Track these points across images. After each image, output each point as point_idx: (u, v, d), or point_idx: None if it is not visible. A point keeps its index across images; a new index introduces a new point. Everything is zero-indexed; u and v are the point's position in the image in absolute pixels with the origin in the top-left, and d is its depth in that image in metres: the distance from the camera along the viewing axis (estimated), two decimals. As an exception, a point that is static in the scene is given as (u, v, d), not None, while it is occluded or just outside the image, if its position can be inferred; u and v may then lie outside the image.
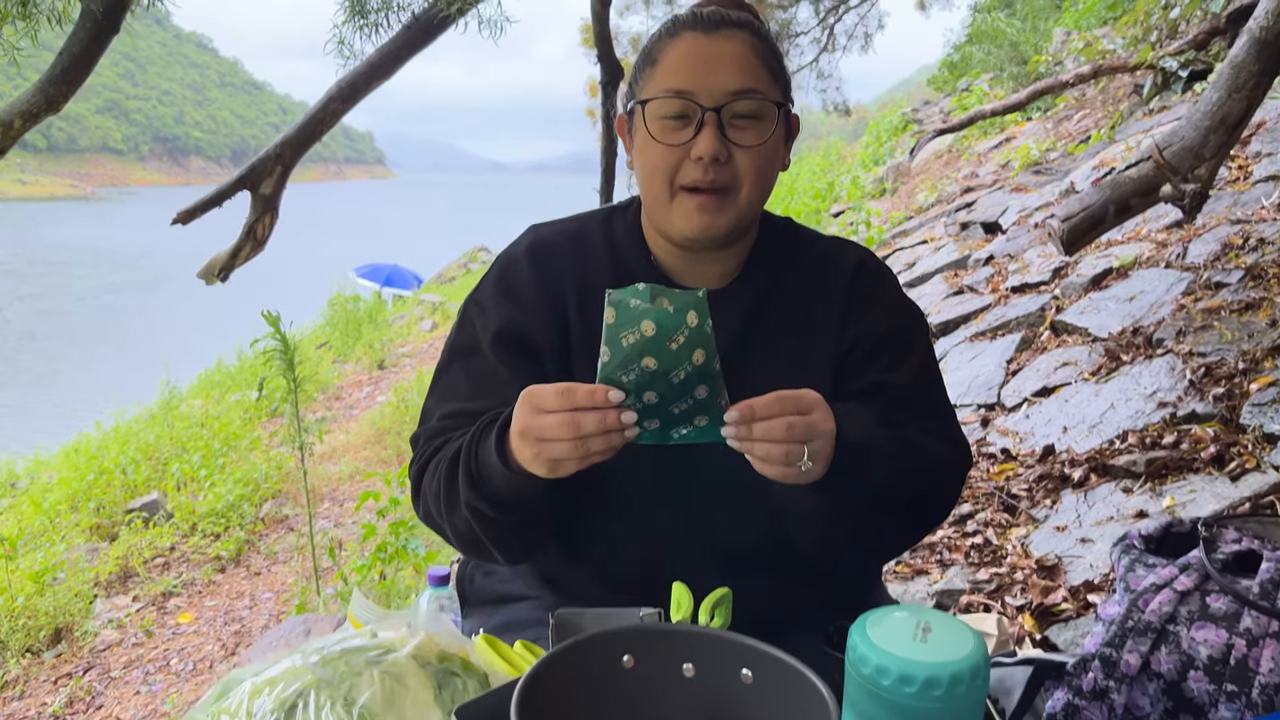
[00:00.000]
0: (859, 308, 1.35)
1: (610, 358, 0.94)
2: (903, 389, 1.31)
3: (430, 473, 1.25)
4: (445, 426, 1.29)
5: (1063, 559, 2.72)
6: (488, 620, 1.49)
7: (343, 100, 5.16)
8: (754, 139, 1.23)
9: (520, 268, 1.35)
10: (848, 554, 1.33)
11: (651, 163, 1.25)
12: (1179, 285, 3.98)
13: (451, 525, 1.24)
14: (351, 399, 9.43)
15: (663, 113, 1.23)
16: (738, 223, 1.26)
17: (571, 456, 1.01)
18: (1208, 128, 3.45)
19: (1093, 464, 3.10)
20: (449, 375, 1.35)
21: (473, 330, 1.34)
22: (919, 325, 1.40)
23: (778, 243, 1.39)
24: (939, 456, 1.30)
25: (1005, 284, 5.02)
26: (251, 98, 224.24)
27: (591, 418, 0.98)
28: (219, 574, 5.08)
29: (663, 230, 1.30)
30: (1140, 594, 1.86)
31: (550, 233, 1.39)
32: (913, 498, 1.26)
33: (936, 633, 1.06)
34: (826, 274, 1.37)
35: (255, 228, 5.54)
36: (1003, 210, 6.58)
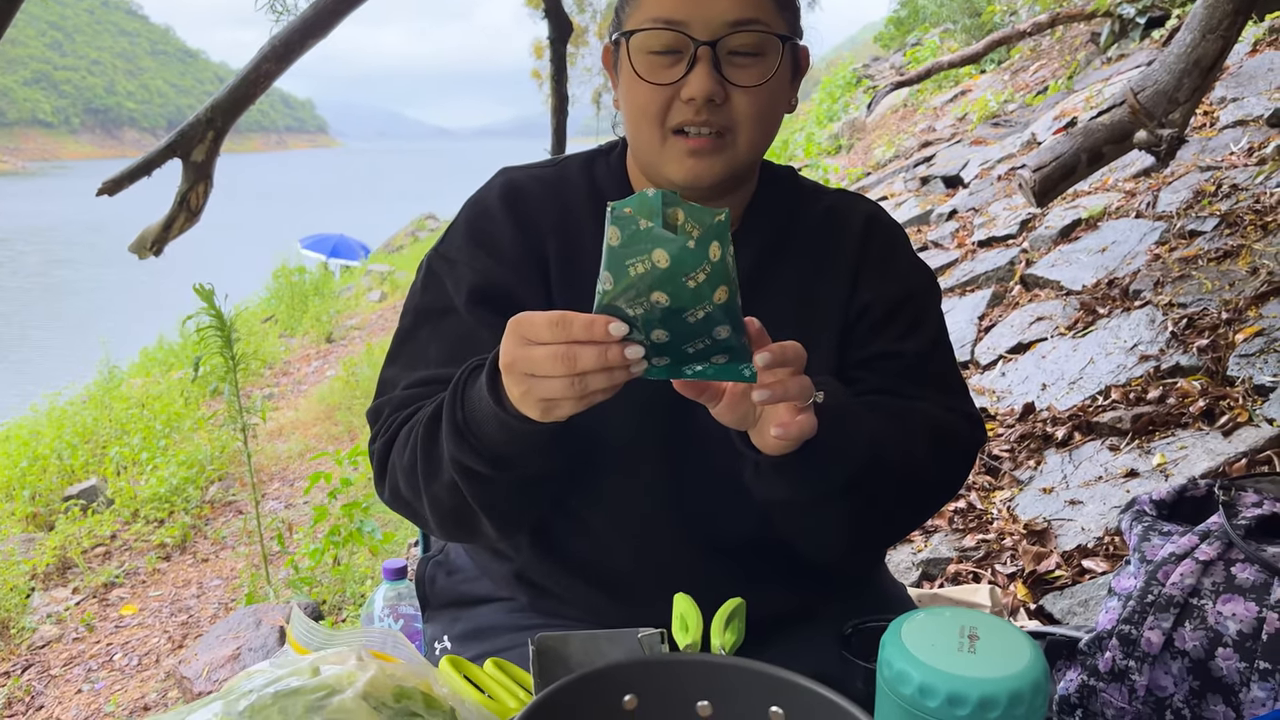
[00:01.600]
0: (870, 269, 1.21)
1: (613, 285, 0.76)
2: (914, 359, 1.18)
3: (401, 443, 1.08)
4: (414, 395, 1.12)
5: (1052, 523, 2.62)
6: (452, 625, 1.34)
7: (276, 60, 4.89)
8: (754, 78, 1.08)
9: (494, 215, 1.19)
10: (852, 538, 1.18)
11: (638, 103, 1.09)
12: (1152, 235, 3.89)
13: (431, 498, 1.06)
14: (299, 374, 9.15)
15: (650, 46, 1.08)
16: (734, 170, 1.11)
17: (567, 396, 0.83)
18: (1182, 70, 3.35)
19: (1076, 422, 2.99)
20: (415, 340, 1.18)
21: (441, 288, 1.17)
22: (933, 291, 1.27)
23: (780, 194, 1.24)
24: (945, 427, 1.17)
25: (971, 239, 4.90)
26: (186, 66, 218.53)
27: (590, 352, 0.80)
28: (163, 562, 4.85)
29: (652, 177, 1.15)
30: (1159, 565, 1.74)
31: (525, 176, 1.23)
32: (913, 470, 1.12)
33: (985, 640, 0.91)
34: (834, 230, 1.23)
35: (189, 197, 5.28)
36: (963, 164, 6.48)
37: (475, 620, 1.31)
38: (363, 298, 13.21)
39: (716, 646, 0.90)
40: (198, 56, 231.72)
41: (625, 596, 1.18)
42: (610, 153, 1.25)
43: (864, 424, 1.05)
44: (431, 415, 1.03)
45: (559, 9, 5.34)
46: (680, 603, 0.97)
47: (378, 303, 12.55)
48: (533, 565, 1.22)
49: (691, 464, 1.16)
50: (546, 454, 0.98)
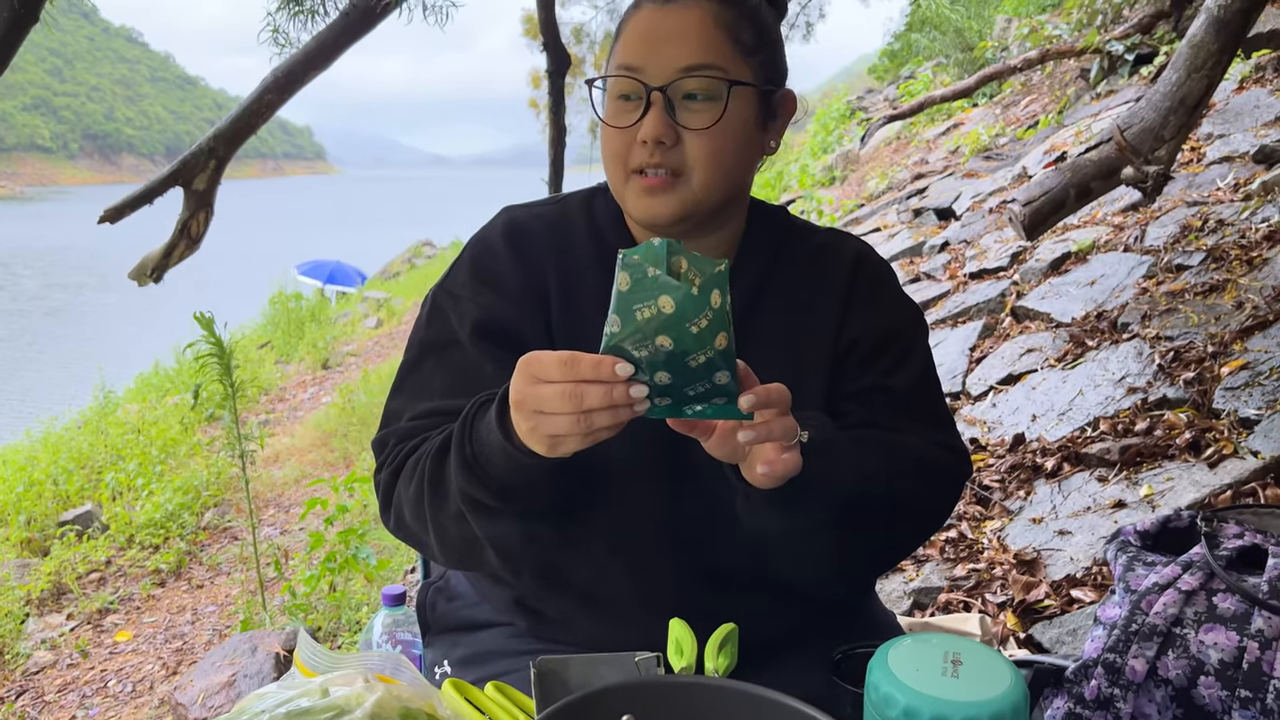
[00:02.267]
0: (858, 306, 1.25)
1: (620, 328, 0.81)
2: (902, 394, 1.22)
3: (408, 473, 1.12)
4: (419, 427, 1.16)
5: (1041, 553, 2.65)
6: (452, 650, 1.36)
7: (278, 91, 4.95)
8: (705, 121, 1.12)
9: (497, 253, 1.23)
10: (842, 567, 1.21)
11: (606, 145, 1.17)
12: (1140, 268, 3.95)
13: (438, 529, 1.10)
14: (295, 400, 9.16)
15: (614, 92, 1.16)
16: (689, 209, 1.16)
17: (573, 432, 0.87)
18: (1168, 108, 3.41)
19: (1065, 453, 3.03)
20: (420, 372, 1.22)
21: (446, 322, 1.21)
22: (919, 326, 1.31)
23: (769, 233, 1.28)
24: (931, 459, 1.20)
25: (963, 270, 4.97)
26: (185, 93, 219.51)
27: (596, 391, 0.84)
28: (158, 588, 4.85)
29: (625, 214, 1.22)
30: (1143, 595, 1.77)
31: (527, 215, 1.28)
32: (901, 501, 1.16)
33: (969, 665, 0.95)
34: (823, 268, 1.27)
35: (189, 225, 5.33)
36: (955, 196, 6.56)
37: (475, 645, 1.33)
38: (359, 324, 13.24)
39: (710, 670, 0.94)
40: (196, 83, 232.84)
41: (622, 622, 1.21)
42: (608, 191, 1.28)
43: (851, 457, 1.08)
44: (439, 448, 1.07)
45: (557, 42, 5.41)
46: (675, 628, 1.00)
47: (374, 329, 12.58)
48: (532, 592, 1.25)
49: (687, 493, 1.19)
50: (550, 487, 1.01)
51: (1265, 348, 3.03)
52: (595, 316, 1.17)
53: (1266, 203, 3.96)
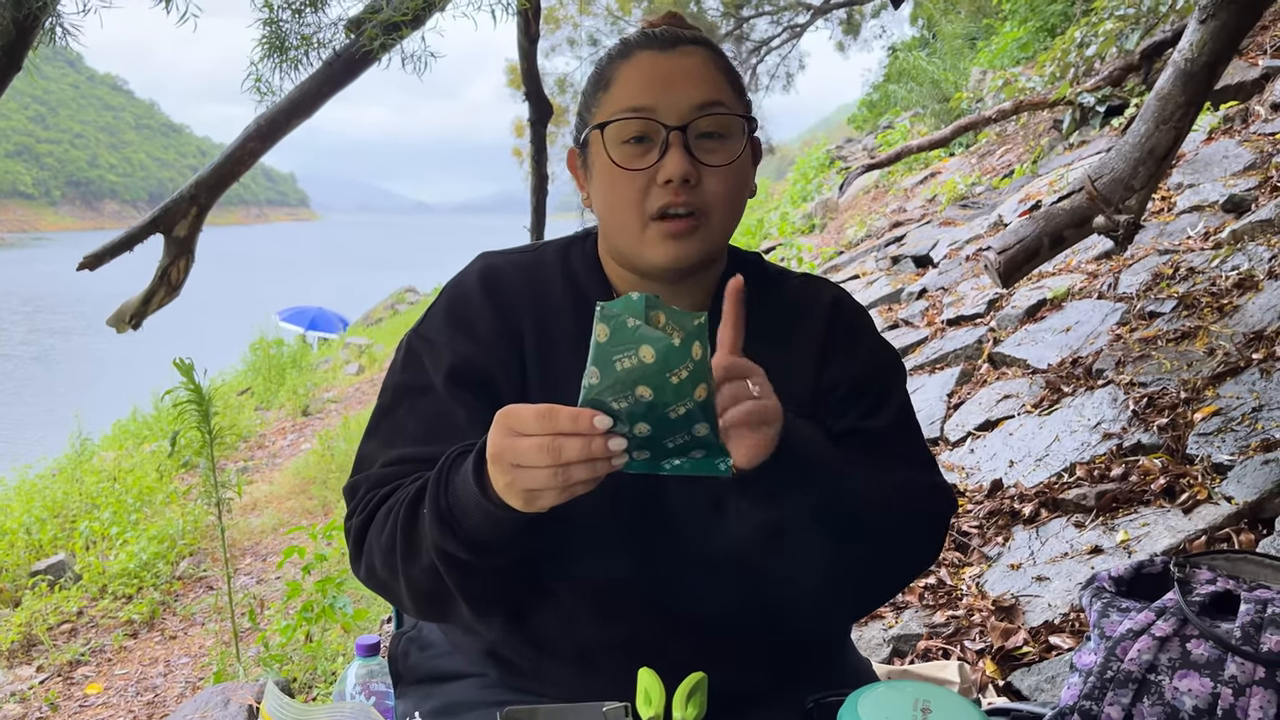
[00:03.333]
0: (836, 350, 1.26)
1: (600, 379, 0.81)
2: (881, 434, 1.23)
3: (380, 523, 1.09)
4: (391, 474, 1.14)
5: (1020, 599, 2.65)
6: (424, 702, 1.35)
7: (261, 139, 4.98)
8: (723, 158, 1.14)
9: (473, 299, 1.23)
10: (825, 598, 1.21)
11: (616, 192, 1.15)
12: (1114, 315, 4.00)
13: (408, 580, 1.07)
14: (275, 447, 9.09)
15: (623, 135, 1.14)
16: (710, 251, 1.17)
17: (551, 486, 0.87)
18: (1137, 159, 3.48)
19: (1042, 498, 3.05)
20: (393, 418, 1.20)
21: (420, 367, 1.20)
22: (897, 369, 1.32)
23: (747, 278, 1.30)
24: (914, 492, 1.21)
25: (941, 317, 5.02)
26: (169, 140, 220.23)
27: (575, 444, 0.84)
28: (131, 639, 4.77)
29: (631, 263, 1.20)
30: (1117, 641, 1.78)
31: (503, 261, 1.28)
32: (887, 527, 1.16)
33: (938, 713, 0.95)
34: (800, 312, 1.28)
35: (169, 272, 5.31)
36: (933, 244, 6.64)
37: (447, 696, 1.31)
38: (340, 370, 13.19)
39: (678, 718, 0.93)
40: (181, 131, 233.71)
41: (595, 673, 1.20)
42: (585, 240, 1.30)
43: (839, 453, 1.11)
44: (413, 498, 1.05)
45: (539, 92, 5.48)
46: (644, 677, 1.00)
47: (355, 375, 12.54)
48: (504, 642, 1.24)
49: (662, 543, 1.19)
50: (526, 542, 1.00)
51: (1237, 394, 3.06)
52: (571, 365, 1.17)
53: (1236, 251, 4.03)
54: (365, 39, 3.92)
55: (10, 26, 3.44)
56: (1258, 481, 2.61)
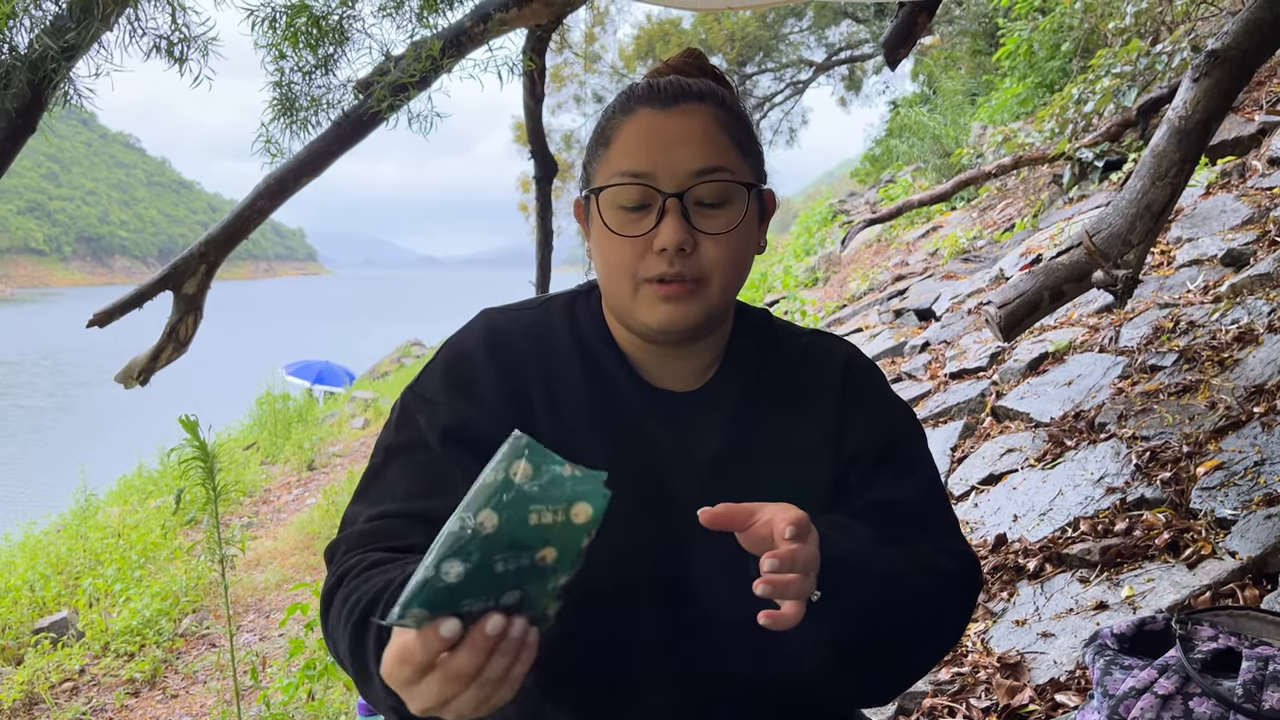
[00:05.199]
0: (854, 415, 1.23)
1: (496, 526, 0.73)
2: (911, 506, 1.20)
3: (340, 605, 0.98)
4: (371, 531, 1.07)
5: (1025, 655, 2.63)
6: None
7: (270, 197, 5.05)
8: (722, 225, 1.11)
9: (474, 359, 1.18)
10: (850, 689, 1.20)
11: (611, 256, 1.12)
12: (1115, 369, 4.02)
13: (367, 689, 0.96)
14: (280, 502, 9.08)
15: (619, 201, 1.11)
16: (708, 315, 1.13)
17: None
18: (1134, 215, 3.52)
19: (1046, 553, 3.04)
20: (382, 479, 1.14)
21: (415, 426, 1.15)
22: (916, 429, 1.29)
23: (756, 337, 1.26)
24: (950, 575, 1.18)
25: (943, 370, 5.03)
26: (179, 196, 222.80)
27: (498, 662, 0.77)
28: (132, 698, 4.74)
29: (627, 325, 1.17)
30: (1120, 699, 1.77)
31: (507, 320, 1.22)
32: (920, 622, 1.14)
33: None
34: (813, 373, 1.25)
35: (178, 329, 5.36)
36: (935, 297, 6.68)
37: None
38: (346, 424, 13.21)
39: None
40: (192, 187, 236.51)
41: None
42: (590, 294, 1.26)
43: (874, 548, 1.09)
44: (369, 602, 0.94)
45: (544, 149, 5.57)
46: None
47: (361, 430, 12.55)
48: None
49: (687, 613, 1.15)
50: None
51: (1239, 448, 3.07)
52: (583, 425, 1.17)
53: (1236, 304, 4.06)
54: (373, 100, 4.01)
55: (25, 89, 3.52)
56: (1261, 536, 2.60)
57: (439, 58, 3.84)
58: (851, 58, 22.48)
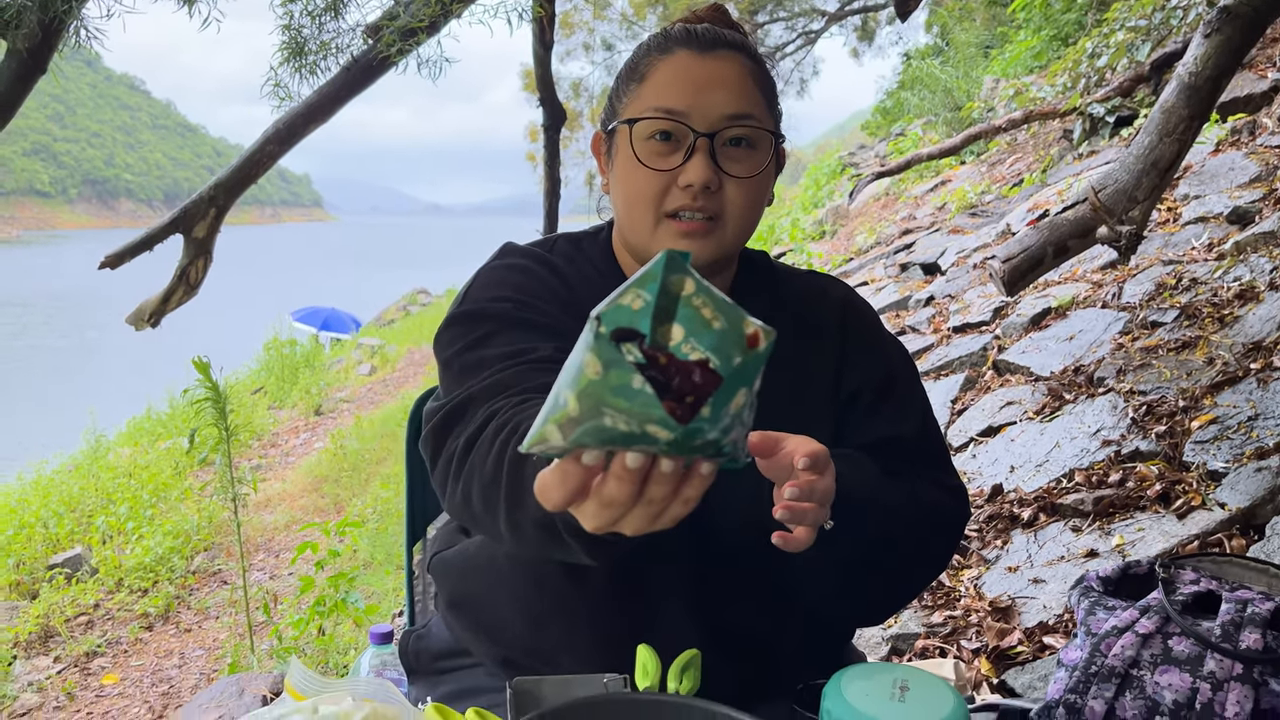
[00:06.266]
0: (854, 351, 1.28)
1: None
2: (910, 441, 1.25)
3: (487, 444, 0.94)
4: (504, 380, 1.03)
5: (1016, 600, 2.71)
6: (435, 689, 1.37)
7: (279, 142, 5.06)
8: (747, 169, 1.15)
9: (513, 266, 1.22)
10: (847, 609, 1.27)
11: (635, 187, 1.16)
12: (1116, 324, 4.05)
13: (512, 525, 0.94)
14: (288, 446, 9.18)
15: (650, 132, 1.14)
16: (722, 254, 1.18)
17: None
18: (1140, 171, 3.53)
19: (1041, 503, 3.10)
20: (478, 355, 1.09)
21: (476, 325, 1.13)
22: (911, 366, 1.34)
23: (759, 278, 1.31)
24: (944, 508, 1.24)
25: (947, 324, 5.07)
26: (185, 140, 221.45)
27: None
28: (146, 632, 4.86)
29: (642, 257, 1.21)
30: (1102, 638, 1.84)
31: (525, 249, 1.27)
32: (916, 553, 1.21)
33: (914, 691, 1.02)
34: (812, 312, 1.29)
35: (188, 272, 5.39)
36: (941, 251, 6.69)
37: (458, 683, 1.34)
38: (352, 371, 13.29)
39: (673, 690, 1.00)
40: (197, 131, 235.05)
41: (603, 660, 1.23)
42: (598, 235, 1.30)
43: (879, 480, 1.14)
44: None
45: (553, 98, 5.55)
46: (642, 653, 1.07)
47: (368, 376, 12.64)
48: (525, 649, 1.24)
49: (713, 550, 1.20)
50: None
51: (1234, 403, 3.11)
52: None
53: (1239, 262, 4.08)
54: (382, 45, 4.00)
55: (36, 29, 3.52)
56: (1250, 488, 2.66)
57: (448, 2, 3.83)
58: (864, 7, 22.17)
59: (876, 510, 1.11)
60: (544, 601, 1.23)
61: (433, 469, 1.09)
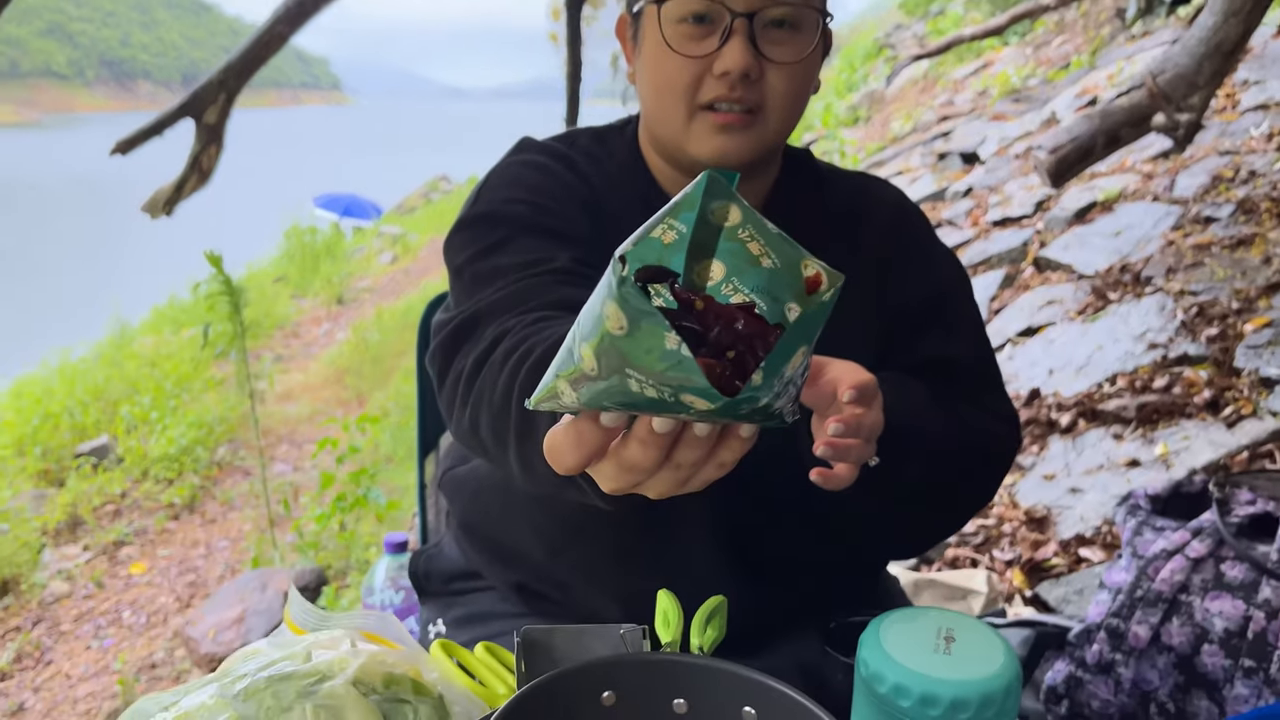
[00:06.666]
0: (902, 265, 1.15)
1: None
2: (963, 363, 1.13)
3: (497, 366, 0.85)
4: (520, 291, 0.94)
5: (1052, 510, 2.62)
6: (446, 610, 1.31)
7: (289, 22, 4.86)
8: (791, 54, 1.02)
9: (528, 164, 1.11)
10: (886, 543, 1.18)
11: (665, 75, 1.03)
12: (1167, 219, 3.86)
13: (522, 460, 0.86)
14: (309, 336, 9.17)
15: (682, 13, 1.01)
16: (763, 150, 1.05)
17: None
18: (1202, 54, 3.29)
19: (1081, 408, 2.99)
20: (493, 264, 1.00)
21: (492, 227, 1.04)
22: (965, 281, 1.21)
23: (802, 179, 1.18)
24: (996, 438, 1.14)
25: (985, 217, 4.87)
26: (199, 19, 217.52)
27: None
28: (172, 521, 4.91)
29: (673, 155, 1.08)
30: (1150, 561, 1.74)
31: (543, 144, 1.16)
32: (964, 485, 1.11)
33: (961, 643, 0.92)
34: (860, 217, 1.17)
35: (200, 158, 5.28)
36: (981, 140, 6.41)
37: (470, 606, 1.28)
38: (374, 259, 13.19)
39: (696, 645, 0.91)
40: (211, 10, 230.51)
41: (638, 611, 1.15)
42: (624, 129, 1.18)
43: (930, 409, 1.04)
44: (543, 355, 0.83)
45: (575, -28, 5.28)
46: (663, 599, 0.98)
47: (389, 265, 12.55)
48: (540, 576, 1.18)
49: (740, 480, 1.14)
50: None
51: (1292, 305, 2.96)
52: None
53: (1301, 153, 3.85)
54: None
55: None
56: (1308, 397, 2.53)
57: None
58: (904, -124, 21.01)
59: (926, 442, 1.01)
60: (561, 527, 1.15)
61: (440, 389, 1.00)
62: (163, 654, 3.57)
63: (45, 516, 4.83)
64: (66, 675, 3.61)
